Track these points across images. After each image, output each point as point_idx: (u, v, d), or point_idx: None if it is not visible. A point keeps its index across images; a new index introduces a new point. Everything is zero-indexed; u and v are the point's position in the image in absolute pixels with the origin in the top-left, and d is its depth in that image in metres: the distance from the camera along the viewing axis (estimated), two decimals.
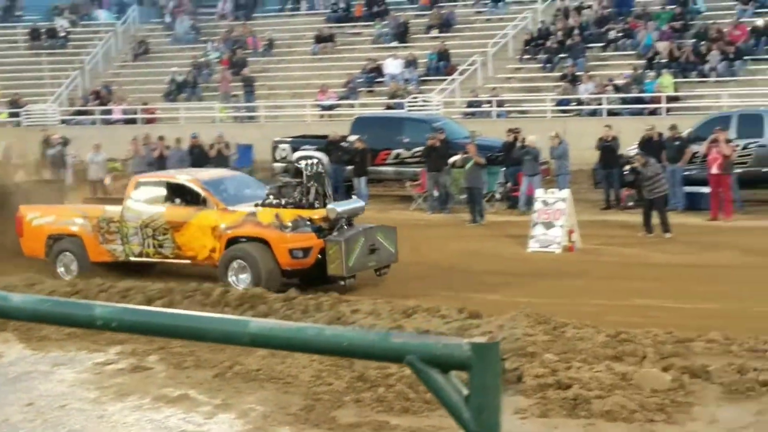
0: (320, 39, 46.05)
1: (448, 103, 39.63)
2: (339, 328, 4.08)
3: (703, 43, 38.17)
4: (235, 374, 13.15)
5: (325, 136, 31.93)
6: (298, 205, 18.90)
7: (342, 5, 48.48)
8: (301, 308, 16.29)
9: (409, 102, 39.42)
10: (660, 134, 27.67)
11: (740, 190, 26.08)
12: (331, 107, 41.38)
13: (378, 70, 42.76)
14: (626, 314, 16.05)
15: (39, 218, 20.65)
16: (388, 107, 39.63)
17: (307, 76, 44.53)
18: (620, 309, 16.54)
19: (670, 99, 36.07)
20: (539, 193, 23.23)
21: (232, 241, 18.79)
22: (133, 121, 43.15)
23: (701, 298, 17.16)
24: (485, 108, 38.43)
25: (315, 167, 19.41)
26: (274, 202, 18.98)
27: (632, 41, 40.27)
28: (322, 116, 41.16)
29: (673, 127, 27.82)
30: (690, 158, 27.01)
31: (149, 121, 43.10)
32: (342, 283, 18.23)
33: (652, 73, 37.38)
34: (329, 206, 18.96)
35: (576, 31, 41.02)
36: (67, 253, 20.25)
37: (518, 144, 28.20)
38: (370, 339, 3.64)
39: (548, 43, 41.21)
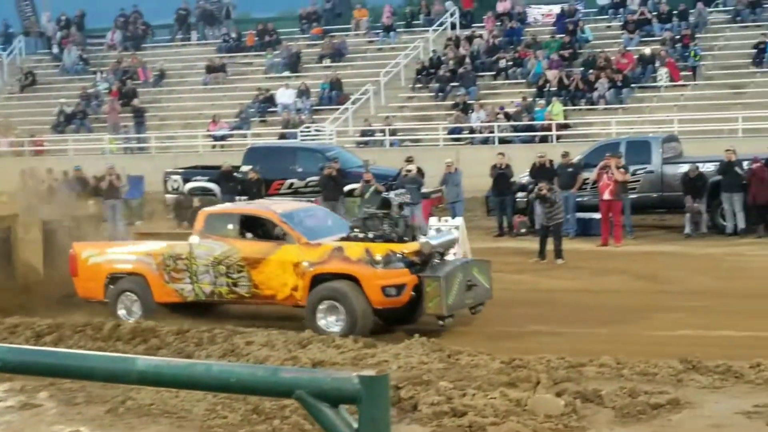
0: (211, 69, 45.86)
1: (341, 133, 39.76)
2: (227, 365, 4.10)
3: (591, 71, 38.93)
4: (128, 409, 12.93)
5: (217, 167, 31.76)
6: (387, 239, 17.52)
7: (233, 35, 48.42)
8: (194, 341, 16.09)
9: (302, 131, 39.45)
10: (551, 161, 28.06)
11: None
12: (223, 137, 41.21)
13: (270, 100, 42.75)
14: (520, 340, 16.21)
15: (96, 256, 18.84)
16: (281, 137, 39.61)
17: (198, 107, 44.37)
18: (514, 335, 16.70)
19: (561, 126, 36.70)
20: (433, 221, 23.36)
21: (317, 279, 17.26)
22: (20, 154, 42.47)
23: (592, 323, 17.41)
24: (378, 137, 38.64)
25: (404, 198, 18.56)
26: (360, 235, 17.63)
27: (522, 70, 40.90)
28: (214, 146, 40.98)
29: (565, 154, 28.22)
30: (581, 185, 27.47)
31: (37, 153, 42.47)
32: (441, 323, 16.91)
33: (542, 101, 37.97)
34: (423, 239, 17.71)
35: (467, 60, 41.56)
36: (129, 293, 18.49)
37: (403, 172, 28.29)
38: (258, 375, 3.66)
39: (440, 72, 41.62)
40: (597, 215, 26.38)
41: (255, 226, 18.33)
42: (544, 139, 35.86)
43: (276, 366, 12.70)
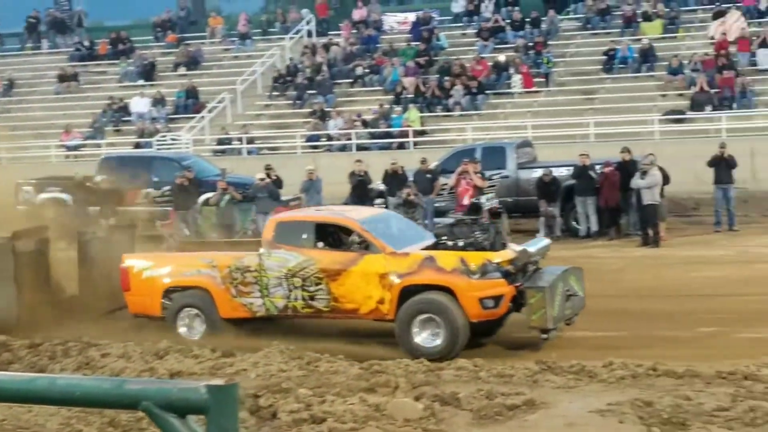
0: (63, 78, 45.13)
1: (198, 141, 39.50)
2: (73, 378, 4.01)
3: (447, 78, 39.38)
4: None
5: (70, 177, 31.18)
6: (479, 247, 16.52)
7: (86, 44, 47.69)
8: (48, 354, 15.74)
9: (158, 140, 39.03)
10: (402, 168, 28.35)
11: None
12: (76, 147, 40.49)
13: (125, 109, 42.21)
14: (375, 346, 16.26)
15: (152, 269, 17.46)
16: (136, 146, 39.11)
17: (50, 116, 43.46)
18: (371, 342, 16.76)
19: (417, 133, 37.06)
20: None
21: (406, 291, 16.10)
22: None
23: None
24: (235, 145, 38.51)
25: (494, 203, 17.38)
26: (450, 243, 16.71)
27: (379, 77, 41.25)
28: (67, 156, 40.24)
29: (423, 161, 28.54)
30: (439, 190, 27.77)
31: None
32: (544, 336, 15.83)
33: (399, 108, 38.33)
34: (521, 247, 16.63)
35: (324, 68, 41.71)
36: (191, 309, 17.16)
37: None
38: (104, 387, 3.60)
39: (297, 80, 41.68)
40: (451, 220, 26.69)
41: (331, 235, 17.12)
42: (401, 146, 36.25)
43: (122, 378, 12.51)
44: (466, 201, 25.93)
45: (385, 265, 16.12)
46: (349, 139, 37.31)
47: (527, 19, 42.81)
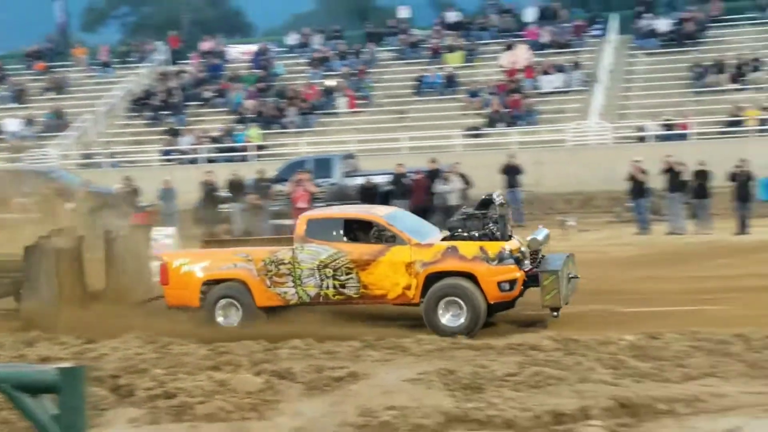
0: None
1: (65, 156, 38.32)
2: None
3: (283, 100, 39.30)
4: None
5: None
6: (492, 237, 15.98)
7: None
8: None
9: (29, 156, 37.78)
10: (241, 177, 28.41)
11: None
12: None
13: None
14: (221, 331, 15.79)
15: (189, 264, 16.46)
16: (9, 162, 37.81)
17: None
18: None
19: (258, 147, 36.85)
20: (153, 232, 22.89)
21: (431, 278, 15.61)
22: None
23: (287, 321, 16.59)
24: (98, 159, 37.59)
25: (501, 199, 16.58)
26: (465, 234, 16.09)
27: (224, 100, 40.82)
28: None
29: (260, 171, 28.43)
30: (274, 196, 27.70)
31: None
32: (554, 315, 15.43)
33: (241, 127, 38.08)
34: (530, 237, 16.36)
35: (176, 92, 41.09)
36: (229, 299, 16.27)
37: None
38: None
39: (152, 102, 40.95)
40: (290, 221, 26.60)
41: (358, 230, 16.39)
42: (243, 159, 35.92)
43: None
44: (300, 204, 25.89)
45: (411, 255, 15.63)
46: (199, 153, 36.83)
47: (351, 51, 42.93)
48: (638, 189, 26.03)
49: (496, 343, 13.63)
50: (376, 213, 16.65)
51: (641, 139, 34.92)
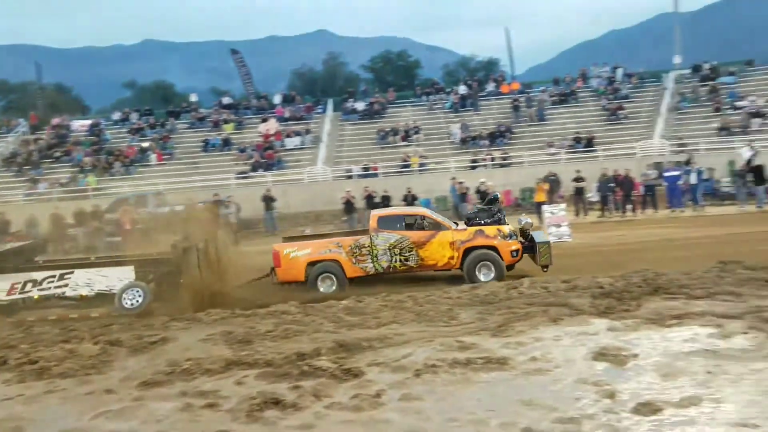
0: None
1: None
2: None
3: (111, 156, 38.03)
4: None
5: None
6: (498, 222, 16.30)
7: None
8: None
9: None
10: (84, 209, 27.04)
11: None
12: None
13: None
14: (86, 310, 14.72)
15: (295, 251, 16.10)
16: None
17: None
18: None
19: (95, 189, 35.29)
20: None
21: (467, 251, 15.86)
22: None
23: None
24: None
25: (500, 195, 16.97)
26: (481, 222, 16.28)
27: (70, 158, 38.88)
28: None
29: (95, 206, 27.57)
30: (107, 221, 25.42)
31: None
32: (545, 270, 15.72)
33: (82, 175, 36.22)
34: (525, 220, 16.90)
35: (35, 153, 39.43)
36: (327, 274, 15.97)
37: None
38: None
39: (18, 161, 39.27)
40: (118, 238, 22.65)
41: (415, 221, 16.29)
42: (86, 197, 34.13)
43: None
44: (126, 227, 23.39)
45: (453, 236, 15.93)
46: (53, 195, 35.73)
47: (158, 123, 41.66)
48: (350, 208, 26.94)
49: (260, 311, 13.18)
50: (422, 210, 16.87)
51: (350, 176, 34.37)
